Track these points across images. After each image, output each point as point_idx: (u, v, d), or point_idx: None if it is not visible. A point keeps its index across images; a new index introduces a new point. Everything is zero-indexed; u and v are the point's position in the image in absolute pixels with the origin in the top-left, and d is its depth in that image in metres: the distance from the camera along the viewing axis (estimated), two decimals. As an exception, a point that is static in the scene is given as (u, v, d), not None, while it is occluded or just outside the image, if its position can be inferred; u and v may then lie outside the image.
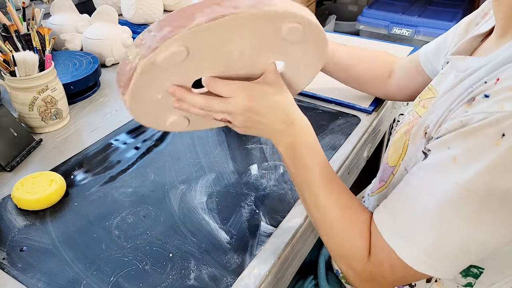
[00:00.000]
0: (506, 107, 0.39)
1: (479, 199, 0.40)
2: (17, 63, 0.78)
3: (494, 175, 0.39)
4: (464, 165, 0.40)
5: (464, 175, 0.40)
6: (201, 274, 0.55)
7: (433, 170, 0.44)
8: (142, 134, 0.84)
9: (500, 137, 0.38)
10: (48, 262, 0.58)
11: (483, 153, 0.39)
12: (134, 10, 1.18)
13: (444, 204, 0.41)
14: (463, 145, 0.41)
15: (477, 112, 0.41)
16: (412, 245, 0.44)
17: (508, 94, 0.39)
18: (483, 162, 0.39)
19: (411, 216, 0.45)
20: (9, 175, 0.74)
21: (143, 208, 0.66)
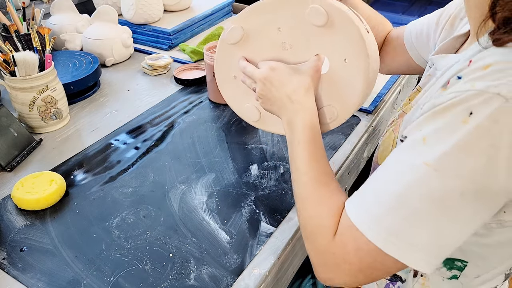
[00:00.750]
0: (477, 85, 0.38)
1: (446, 178, 0.39)
2: (17, 63, 0.78)
3: (461, 154, 0.38)
4: (433, 145, 0.39)
5: (432, 154, 0.39)
6: (201, 274, 0.55)
7: (404, 151, 0.43)
8: (142, 134, 0.84)
9: (468, 115, 0.37)
10: (48, 262, 0.58)
11: (451, 132, 0.38)
12: (134, 10, 1.18)
13: (412, 184, 0.40)
14: (433, 125, 0.40)
15: (449, 93, 0.40)
16: (380, 226, 0.42)
17: (480, 73, 0.39)
18: (451, 141, 0.38)
19: (380, 197, 0.43)
20: (9, 175, 0.74)
21: (143, 208, 0.66)
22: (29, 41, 0.87)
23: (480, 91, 0.37)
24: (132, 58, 1.15)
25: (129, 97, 0.97)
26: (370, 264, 0.44)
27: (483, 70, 0.39)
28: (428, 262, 0.41)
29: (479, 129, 0.37)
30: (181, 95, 0.97)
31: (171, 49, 1.19)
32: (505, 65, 0.38)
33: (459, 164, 0.38)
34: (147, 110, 0.91)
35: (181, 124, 0.86)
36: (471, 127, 0.37)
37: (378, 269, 0.44)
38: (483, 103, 0.37)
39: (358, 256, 0.44)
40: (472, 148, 0.37)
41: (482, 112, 0.37)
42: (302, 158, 0.54)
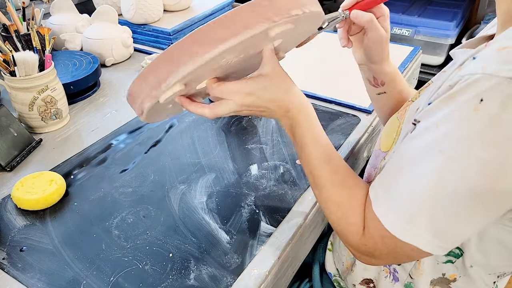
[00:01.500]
0: (488, 68, 0.36)
1: (461, 166, 0.38)
2: (17, 63, 0.78)
3: (474, 143, 0.37)
4: (447, 132, 0.39)
5: (447, 142, 0.39)
6: (201, 274, 0.55)
7: (419, 138, 0.42)
8: (142, 134, 0.83)
9: (478, 102, 0.36)
10: (48, 262, 0.58)
11: (463, 120, 0.38)
12: (134, 10, 1.18)
13: (426, 171, 0.40)
14: (445, 110, 0.39)
15: (462, 74, 0.39)
16: (396, 214, 0.43)
17: (494, 55, 0.37)
18: (464, 129, 0.38)
19: (396, 185, 0.44)
20: (9, 175, 0.74)
21: (143, 208, 0.66)
22: (29, 41, 0.87)
23: (489, 75, 0.36)
24: (132, 58, 1.15)
25: (129, 97, 0.97)
26: (394, 249, 0.45)
27: (498, 52, 0.37)
28: (441, 247, 0.43)
29: (490, 118, 0.36)
30: (181, 95, 0.97)
31: (171, 49, 1.18)
32: None
33: (471, 153, 0.37)
34: (147, 110, 0.91)
35: (181, 124, 0.86)
36: (482, 115, 0.36)
37: (401, 253, 0.45)
38: (493, 88, 0.35)
39: (384, 242, 0.46)
40: (483, 138, 0.37)
41: (492, 99, 0.35)
42: (314, 162, 0.53)
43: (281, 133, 0.83)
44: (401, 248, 0.44)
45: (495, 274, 0.53)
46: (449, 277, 0.54)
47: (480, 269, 0.52)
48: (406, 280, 0.58)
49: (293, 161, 0.75)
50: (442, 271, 0.54)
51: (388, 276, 0.61)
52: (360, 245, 0.49)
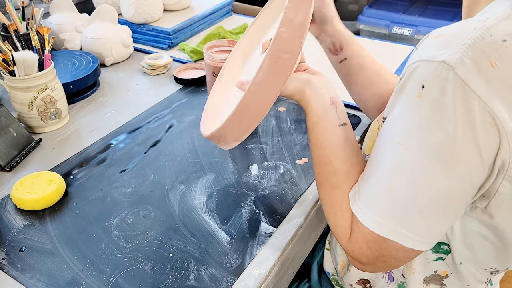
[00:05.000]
0: (424, 55, 0.38)
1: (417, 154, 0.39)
2: (17, 63, 0.77)
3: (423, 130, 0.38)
4: (401, 123, 0.40)
5: (402, 133, 0.40)
6: (201, 275, 0.55)
7: (383, 134, 0.44)
8: (142, 134, 0.83)
9: (420, 89, 0.37)
10: (48, 263, 0.57)
11: (411, 108, 0.39)
12: (134, 9, 1.18)
13: (391, 165, 0.41)
14: (398, 103, 0.41)
15: (407, 65, 0.40)
16: (374, 212, 0.43)
17: (430, 43, 0.38)
18: (413, 118, 0.39)
19: (370, 184, 0.44)
20: (8, 175, 0.74)
21: (142, 208, 0.66)
22: (29, 41, 0.87)
23: (426, 61, 0.37)
24: (132, 58, 1.15)
25: (128, 97, 0.97)
26: (379, 252, 0.44)
27: (433, 39, 0.38)
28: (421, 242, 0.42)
29: (432, 102, 0.37)
30: (181, 94, 0.97)
31: (171, 49, 1.18)
32: (454, 34, 0.37)
33: (424, 140, 0.38)
34: (147, 110, 0.91)
35: (181, 124, 0.86)
36: (425, 101, 0.37)
37: (387, 255, 0.44)
38: (431, 73, 0.36)
39: (369, 247, 0.45)
40: (430, 122, 0.37)
41: (431, 84, 0.36)
42: (314, 159, 0.54)
43: (281, 133, 0.82)
44: (385, 249, 0.44)
45: (487, 270, 0.53)
46: (441, 273, 0.54)
47: (470, 265, 0.52)
48: (400, 279, 0.58)
49: (293, 161, 0.75)
50: (433, 269, 0.54)
51: (384, 276, 0.60)
52: (348, 250, 0.49)
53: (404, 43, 1.17)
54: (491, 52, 0.35)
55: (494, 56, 0.35)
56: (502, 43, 0.36)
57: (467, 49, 0.35)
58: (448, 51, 0.36)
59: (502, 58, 0.35)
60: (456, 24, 0.39)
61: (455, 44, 0.36)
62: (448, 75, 0.35)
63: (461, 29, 0.37)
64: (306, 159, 0.75)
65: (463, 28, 0.37)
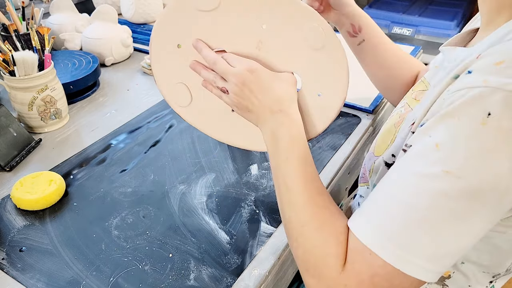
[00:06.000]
0: (491, 81, 0.36)
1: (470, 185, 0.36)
2: (17, 63, 0.77)
3: (485, 158, 0.36)
4: (451, 150, 0.37)
5: (452, 161, 0.37)
6: (201, 275, 0.55)
7: (414, 161, 0.39)
8: (142, 134, 0.83)
9: (486, 116, 0.35)
10: (48, 263, 0.57)
11: (470, 135, 0.36)
12: (134, 9, 1.18)
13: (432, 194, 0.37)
14: (445, 129, 0.37)
15: (458, 88, 0.38)
16: (396, 245, 0.38)
17: (492, 69, 0.37)
18: (472, 145, 0.36)
19: (394, 213, 0.39)
20: (8, 175, 0.74)
21: (142, 208, 0.66)
22: (29, 41, 0.87)
23: (495, 88, 0.35)
24: (132, 58, 1.15)
25: (128, 97, 0.97)
26: None
27: (495, 66, 0.37)
28: (440, 273, 0.40)
29: (500, 131, 0.35)
30: (181, 94, 0.97)
31: (171, 49, 1.18)
32: None
33: (483, 169, 0.36)
34: (147, 110, 0.91)
35: (181, 124, 0.86)
36: (491, 129, 0.35)
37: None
38: (501, 102, 0.35)
39: (373, 282, 0.40)
40: (495, 151, 0.35)
41: (501, 113, 0.35)
42: (295, 176, 0.48)
43: (281, 133, 0.82)
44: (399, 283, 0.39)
45: (489, 273, 0.52)
46: (444, 274, 0.53)
47: (473, 267, 0.51)
48: None
49: (293, 161, 0.75)
50: None
51: None
52: (338, 285, 0.42)
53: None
54: None
55: None
56: None
57: None
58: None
59: None
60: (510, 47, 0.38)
61: None
62: None
63: None
64: (306, 159, 0.75)
65: None
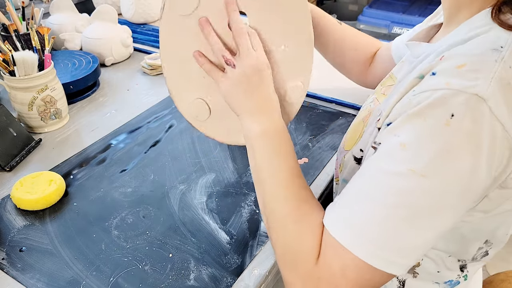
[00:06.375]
0: (453, 84, 0.38)
1: (435, 183, 0.38)
2: (16, 63, 0.77)
3: (448, 157, 0.38)
4: (417, 150, 0.39)
5: (418, 160, 0.38)
6: (201, 275, 0.55)
7: (383, 159, 0.41)
8: (142, 134, 0.83)
9: (449, 117, 0.37)
10: (48, 263, 0.57)
11: (435, 136, 0.38)
12: (134, 9, 1.18)
13: (398, 192, 0.39)
14: (411, 129, 0.39)
15: (423, 90, 0.40)
16: (366, 240, 0.40)
17: (456, 71, 0.39)
18: (436, 145, 0.38)
19: (363, 209, 0.41)
20: (8, 175, 0.74)
21: (142, 208, 0.66)
22: (29, 41, 0.87)
23: (457, 91, 0.37)
24: (132, 58, 1.15)
25: (128, 97, 0.97)
26: (357, 282, 0.42)
27: (457, 69, 0.39)
28: (409, 267, 0.42)
29: (462, 131, 0.37)
30: (181, 94, 0.97)
31: (171, 49, 1.18)
32: (479, 65, 0.38)
33: (446, 168, 0.38)
34: (147, 110, 0.91)
35: (181, 124, 0.86)
36: (454, 129, 0.37)
37: (365, 285, 0.42)
38: (463, 104, 0.37)
39: (345, 275, 0.42)
40: (458, 151, 0.38)
41: (463, 114, 0.37)
42: (278, 169, 0.49)
43: (281, 133, 0.82)
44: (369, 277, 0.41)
45: (456, 258, 0.52)
46: None
47: (440, 253, 0.52)
48: None
49: (293, 161, 0.75)
50: None
51: None
52: (311, 278, 0.43)
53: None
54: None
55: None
56: None
57: (496, 83, 0.37)
58: (479, 84, 0.37)
59: None
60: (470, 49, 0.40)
61: (483, 77, 0.38)
62: (480, 107, 0.37)
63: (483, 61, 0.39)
64: (306, 159, 0.75)
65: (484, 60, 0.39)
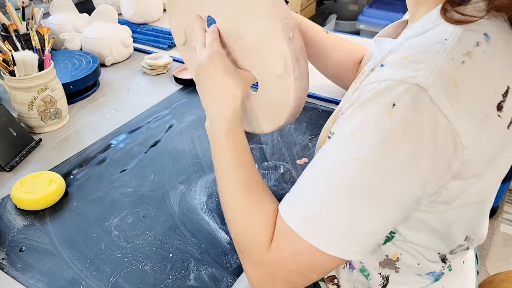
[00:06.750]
0: (396, 75, 0.39)
1: (378, 171, 0.39)
2: (17, 63, 0.77)
3: (390, 146, 0.39)
4: (362, 139, 0.40)
5: (362, 149, 0.40)
6: (201, 275, 0.55)
7: (333, 148, 0.42)
8: (142, 134, 0.83)
9: (391, 106, 0.38)
10: (48, 262, 0.57)
11: (378, 125, 0.39)
12: (134, 9, 1.18)
13: (345, 181, 0.41)
14: (359, 119, 0.41)
15: (371, 81, 0.41)
16: (315, 226, 0.42)
17: (400, 63, 0.40)
18: (379, 134, 0.39)
19: (313, 196, 0.43)
20: (8, 175, 0.74)
21: (142, 208, 0.66)
22: (29, 41, 0.87)
23: (399, 81, 0.38)
24: (132, 58, 1.15)
25: (128, 97, 0.97)
26: (308, 267, 0.43)
27: (402, 61, 0.40)
28: (363, 252, 0.43)
29: (403, 120, 0.38)
30: (181, 94, 0.97)
31: (171, 49, 1.18)
32: (422, 56, 0.39)
33: (389, 156, 0.39)
34: (147, 110, 0.91)
35: (181, 124, 0.86)
36: (396, 118, 0.38)
37: (316, 270, 0.44)
38: (404, 93, 0.38)
39: (296, 260, 0.43)
40: (399, 139, 0.38)
41: (404, 103, 0.38)
42: (228, 163, 0.51)
43: (281, 133, 0.82)
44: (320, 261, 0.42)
45: (435, 251, 0.52)
46: (392, 257, 0.53)
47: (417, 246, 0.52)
48: (359, 265, 0.57)
49: (293, 161, 0.75)
50: (385, 253, 0.53)
51: (346, 267, 0.60)
52: (264, 264, 0.45)
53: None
54: (455, 75, 0.39)
55: (457, 78, 0.39)
56: (461, 65, 0.39)
57: (436, 74, 0.38)
58: (420, 74, 0.38)
59: (462, 78, 0.39)
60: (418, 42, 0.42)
61: (424, 68, 0.39)
62: (421, 96, 0.38)
63: (426, 52, 0.40)
64: (306, 159, 0.75)
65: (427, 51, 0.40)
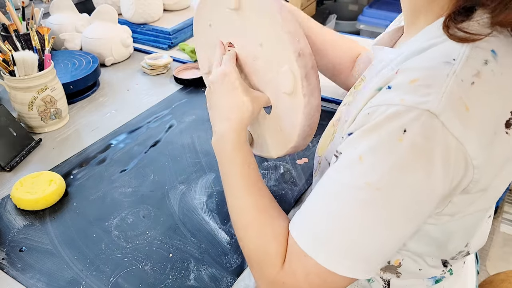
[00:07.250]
0: (406, 100, 0.39)
1: (389, 196, 0.40)
2: (16, 63, 0.77)
3: (401, 172, 0.39)
4: (372, 164, 0.40)
5: (373, 173, 0.40)
6: (201, 275, 0.55)
7: (342, 171, 0.43)
8: (142, 134, 0.83)
9: (402, 133, 0.38)
10: (48, 262, 0.57)
11: (388, 151, 0.39)
12: (134, 9, 1.18)
13: (356, 204, 0.41)
14: (368, 143, 0.40)
15: (379, 103, 0.41)
16: (327, 248, 0.42)
17: (409, 87, 0.39)
18: (390, 159, 0.39)
19: (324, 219, 0.43)
20: (8, 175, 0.74)
21: (142, 208, 0.66)
22: (29, 41, 0.87)
23: (410, 107, 0.38)
24: (132, 58, 1.15)
25: (128, 97, 0.97)
26: (320, 286, 0.44)
27: (410, 85, 0.39)
28: (372, 271, 0.44)
29: (414, 147, 0.38)
30: (181, 94, 0.97)
31: (171, 49, 1.18)
32: (431, 80, 0.39)
33: (400, 181, 0.39)
34: (147, 110, 0.91)
35: (181, 123, 0.86)
36: (406, 145, 0.38)
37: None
38: (415, 120, 0.38)
39: (308, 281, 0.44)
40: (410, 165, 0.39)
41: (415, 130, 0.38)
42: (237, 181, 0.52)
43: (281, 133, 0.82)
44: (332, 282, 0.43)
45: (436, 257, 0.53)
46: (394, 263, 0.54)
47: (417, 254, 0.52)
48: None
49: (293, 161, 0.75)
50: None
51: None
52: (277, 282, 0.46)
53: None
54: (465, 97, 0.38)
55: (468, 100, 0.38)
56: (471, 86, 0.39)
57: (447, 98, 0.38)
58: (431, 99, 0.38)
59: (472, 100, 0.39)
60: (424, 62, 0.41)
61: (434, 93, 0.38)
62: (433, 123, 0.38)
63: (435, 76, 0.39)
64: (306, 159, 0.75)
65: (436, 74, 0.39)
